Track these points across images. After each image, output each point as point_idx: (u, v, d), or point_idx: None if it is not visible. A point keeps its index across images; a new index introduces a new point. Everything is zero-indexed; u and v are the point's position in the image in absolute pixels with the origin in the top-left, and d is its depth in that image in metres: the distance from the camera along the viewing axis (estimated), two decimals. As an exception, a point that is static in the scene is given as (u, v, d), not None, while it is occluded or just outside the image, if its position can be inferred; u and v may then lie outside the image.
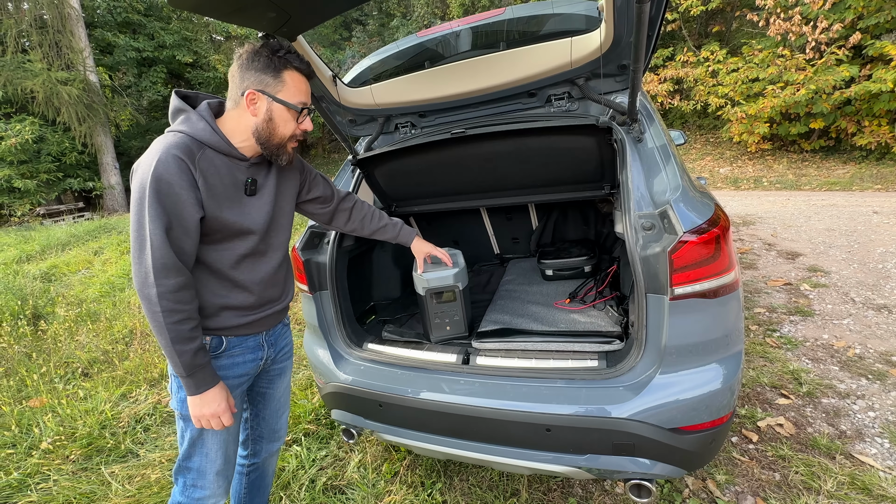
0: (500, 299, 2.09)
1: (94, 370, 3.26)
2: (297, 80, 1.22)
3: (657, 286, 1.33)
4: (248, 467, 1.60)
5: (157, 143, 1.11)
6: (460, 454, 1.62)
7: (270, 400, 1.54)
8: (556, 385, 1.49)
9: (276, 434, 1.60)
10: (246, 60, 1.17)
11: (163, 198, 1.06)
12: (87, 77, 14.25)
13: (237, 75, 1.19)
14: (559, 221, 2.56)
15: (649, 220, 1.37)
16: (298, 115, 1.24)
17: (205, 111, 1.18)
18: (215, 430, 1.29)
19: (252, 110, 1.18)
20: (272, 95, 1.18)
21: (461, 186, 2.09)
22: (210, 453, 1.33)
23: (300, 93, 1.23)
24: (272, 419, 1.57)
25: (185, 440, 1.31)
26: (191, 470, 1.33)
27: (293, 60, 1.20)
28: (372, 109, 1.96)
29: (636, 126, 1.55)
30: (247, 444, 1.58)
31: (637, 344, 1.42)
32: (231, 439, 1.38)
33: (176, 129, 1.14)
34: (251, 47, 1.19)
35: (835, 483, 1.80)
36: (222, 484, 1.37)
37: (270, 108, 1.19)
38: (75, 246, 7.62)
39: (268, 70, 1.17)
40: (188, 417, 1.27)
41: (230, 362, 1.31)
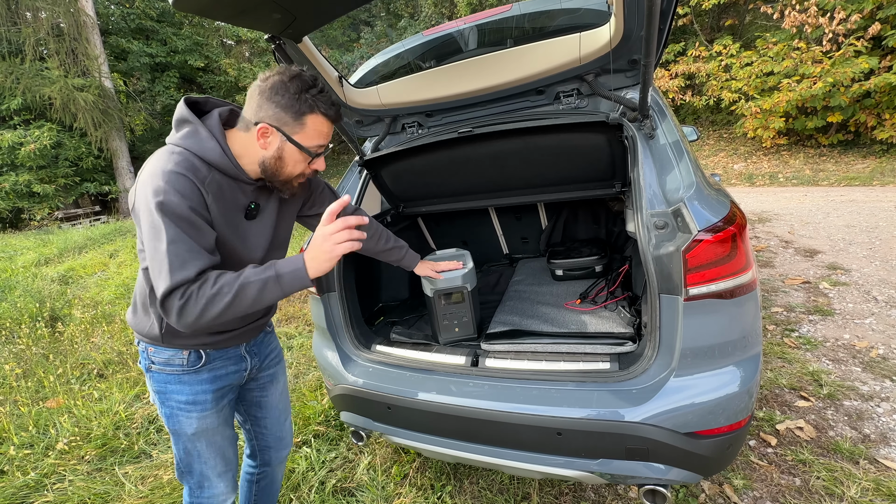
0: (510, 300, 2.06)
1: (108, 371, 3.31)
2: (319, 124, 1.11)
3: (671, 286, 1.30)
4: (258, 475, 1.60)
5: (162, 160, 1.00)
6: (470, 458, 1.60)
7: (269, 408, 1.51)
8: (567, 388, 1.46)
9: (283, 441, 1.58)
10: (269, 90, 1.05)
11: (178, 221, 0.96)
12: (102, 83, 14.55)
13: (255, 100, 1.08)
14: (569, 221, 2.52)
15: (662, 219, 1.34)
16: (312, 158, 1.15)
17: (216, 127, 1.08)
18: (210, 440, 1.30)
19: (262, 143, 1.09)
20: (287, 135, 1.09)
21: (469, 186, 2.07)
22: (209, 460, 1.33)
23: (319, 136, 1.13)
24: (275, 427, 1.54)
25: (179, 451, 1.31)
26: (193, 475, 1.34)
27: (321, 104, 1.08)
28: (378, 110, 1.95)
29: (647, 122, 1.51)
30: (255, 456, 1.57)
31: (650, 346, 1.38)
32: (227, 443, 1.37)
33: (182, 144, 1.04)
34: (280, 77, 1.06)
35: (858, 489, 1.74)
36: (228, 482, 1.38)
37: (283, 146, 1.10)
38: (91, 249, 7.77)
39: (290, 109, 1.06)
40: (177, 432, 1.27)
41: (211, 375, 1.28)
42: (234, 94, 17.27)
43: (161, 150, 1.05)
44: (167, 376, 1.23)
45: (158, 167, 0.98)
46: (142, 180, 1.00)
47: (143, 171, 1.01)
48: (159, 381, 1.24)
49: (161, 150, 1.05)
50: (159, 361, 1.23)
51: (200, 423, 1.27)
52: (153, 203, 0.95)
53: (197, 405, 1.25)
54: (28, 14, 14.03)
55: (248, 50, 19.18)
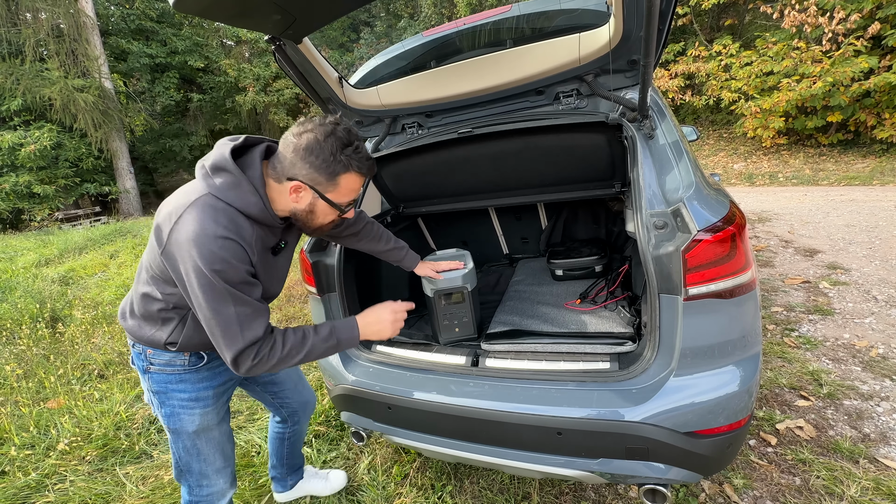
0: (510, 300, 2.07)
1: (109, 372, 3.31)
2: (352, 182, 1.12)
3: (670, 286, 1.30)
4: (289, 434, 1.77)
5: (207, 217, 0.99)
6: (470, 457, 1.60)
7: (283, 382, 1.63)
8: (567, 387, 1.46)
9: (308, 404, 1.76)
10: (304, 150, 1.05)
11: (239, 286, 1.01)
12: (102, 84, 14.57)
13: (289, 156, 1.07)
14: (569, 221, 2.53)
15: (662, 219, 1.34)
16: (343, 211, 1.19)
17: (258, 180, 1.07)
18: (209, 436, 1.35)
19: (294, 198, 1.11)
20: (320, 194, 1.10)
21: (469, 186, 2.07)
22: (208, 457, 1.36)
23: (352, 192, 1.15)
24: (295, 394, 1.69)
25: (178, 450, 1.34)
26: (192, 474, 1.36)
27: (355, 163, 1.09)
28: (378, 110, 1.95)
29: (647, 122, 1.51)
30: (286, 420, 1.72)
31: (650, 345, 1.38)
32: (225, 439, 1.41)
33: (225, 198, 1.03)
34: (315, 136, 1.05)
35: (858, 488, 1.74)
36: (227, 477, 1.43)
37: (315, 202, 1.12)
38: (91, 249, 7.78)
39: (324, 171, 1.06)
40: (178, 430, 1.30)
41: (211, 373, 1.32)
42: (234, 94, 17.28)
43: (202, 202, 1.01)
44: (168, 376, 1.26)
45: (206, 229, 0.98)
46: (187, 236, 0.98)
47: (185, 224, 0.99)
48: (159, 382, 1.26)
49: (202, 202, 1.01)
50: (159, 363, 1.25)
51: (202, 420, 1.31)
52: (208, 270, 0.96)
53: (199, 402, 1.29)
54: (28, 15, 14.05)
55: (248, 50, 19.20)
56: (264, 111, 17.68)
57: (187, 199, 1.03)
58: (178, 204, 1.03)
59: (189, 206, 1.01)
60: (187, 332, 1.20)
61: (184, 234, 0.98)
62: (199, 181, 1.07)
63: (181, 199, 1.05)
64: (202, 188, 1.04)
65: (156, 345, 1.22)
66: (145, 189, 20.74)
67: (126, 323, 1.27)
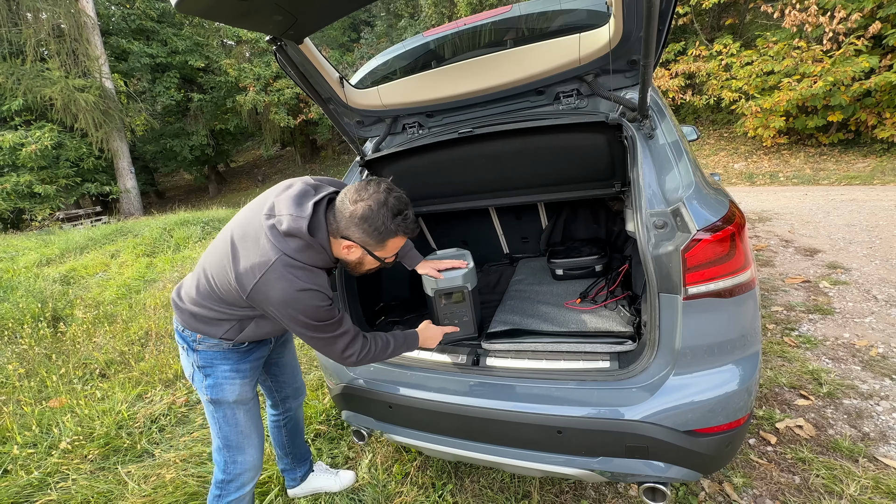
0: (510, 299, 2.07)
1: (111, 371, 3.32)
2: (399, 243, 1.33)
3: (670, 285, 1.30)
4: (283, 420, 1.89)
5: (290, 278, 1.19)
6: (470, 456, 1.61)
7: (284, 366, 1.80)
8: (568, 386, 1.47)
9: (299, 391, 1.90)
10: (360, 219, 1.22)
11: (322, 318, 1.25)
12: (103, 84, 14.57)
13: (346, 217, 1.24)
14: (569, 220, 2.53)
15: (661, 219, 1.34)
16: (387, 264, 1.40)
17: (326, 242, 1.27)
18: (247, 407, 1.51)
19: (346, 252, 1.30)
20: (369, 252, 1.30)
21: (470, 186, 2.08)
22: (245, 429, 1.51)
23: (396, 249, 1.36)
24: (291, 380, 1.85)
25: (218, 422, 1.49)
26: (230, 448, 1.50)
27: (402, 229, 1.27)
28: (379, 110, 1.96)
29: (647, 122, 1.52)
30: (277, 405, 1.86)
31: (650, 344, 1.39)
32: (258, 416, 1.58)
33: (299, 257, 1.22)
34: (369, 207, 1.22)
35: (858, 487, 1.75)
36: (259, 455, 1.58)
37: (363, 257, 1.33)
38: (92, 249, 7.79)
39: (375, 236, 1.24)
40: (219, 401, 1.46)
41: (250, 351, 1.51)
42: (235, 94, 17.26)
43: (282, 264, 1.19)
44: (214, 353, 1.43)
45: (292, 286, 1.19)
46: (277, 298, 1.19)
47: (272, 285, 1.19)
48: (206, 358, 1.43)
49: (282, 264, 1.19)
50: (208, 344, 1.42)
51: (241, 390, 1.48)
52: (304, 317, 1.22)
53: (239, 373, 1.47)
54: (29, 15, 14.06)
55: (249, 50, 19.18)
56: (265, 111, 17.64)
57: (266, 257, 1.20)
58: (257, 262, 1.20)
59: (270, 267, 1.19)
60: (246, 333, 1.42)
61: (273, 295, 1.19)
62: (273, 240, 1.21)
63: (258, 255, 1.21)
64: (277, 248, 1.20)
65: (209, 336, 1.40)
66: (146, 189, 20.76)
67: (179, 311, 1.43)
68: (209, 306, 1.36)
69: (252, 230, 1.27)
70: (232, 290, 1.27)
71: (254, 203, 1.38)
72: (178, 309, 1.43)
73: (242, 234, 1.28)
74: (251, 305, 1.28)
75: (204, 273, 1.36)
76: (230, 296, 1.30)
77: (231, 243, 1.28)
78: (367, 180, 1.29)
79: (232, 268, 1.24)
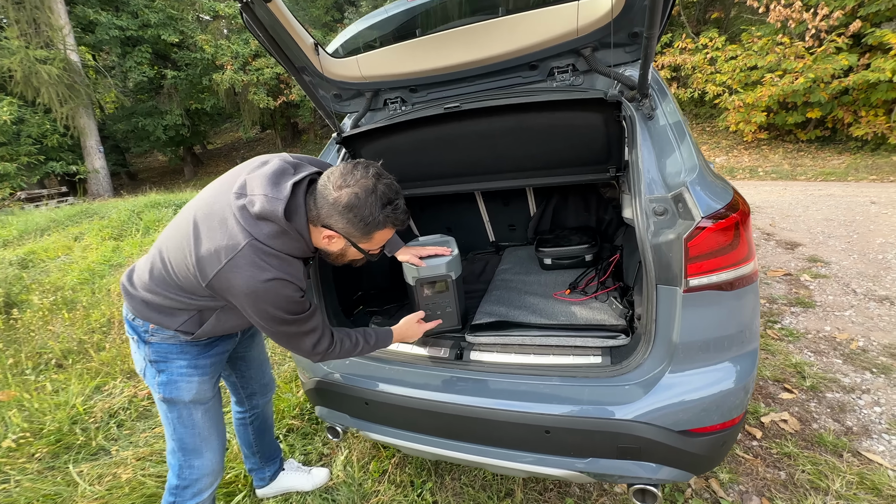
0: (496, 289, 1.97)
1: (68, 361, 3.10)
2: (386, 235, 1.22)
3: (669, 277, 1.21)
4: (250, 418, 1.75)
5: (258, 265, 1.06)
6: (452, 455, 1.51)
7: (251, 360, 1.66)
8: (557, 383, 1.38)
9: (267, 387, 1.76)
10: (344, 208, 1.10)
11: (292, 311, 1.13)
12: (67, 56, 13.72)
13: (329, 204, 1.11)
14: (559, 207, 2.42)
15: (662, 205, 1.25)
16: (372, 256, 1.30)
17: (304, 228, 1.14)
18: (205, 407, 1.36)
19: (327, 242, 1.18)
20: (353, 243, 1.19)
21: (455, 168, 1.95)
22: (202, 431, 1.36)
23: (383, 242, 1.25)
24: (259, 376, 1.71)
25: (172, 423, 1.33)
26: (186, 451, 1.35)
27: (390, 221, 1.16)
28: (358, 83, 1.80)
29: (646, 102, 1.41)
30: (242, 402, 1.72)
31: (645, 339, 1.30)
32: (219, 418, 1.42)
33: (271, 244, 1.08)
34: (355, 194, 1.10)
35: (843, 483, 1.73)
36: (218, 459, 1.42)
37: (346, 249, 1.21)
38: (55, 231, 7.35)
39: (360, 228, 1.13)
40: (174, 400, 1.30)
41: (211, 345, 1.36)
42: (211, 72, 16.52)
43: (250, 250, 1.06)
44: (169, 346, 1.28)
45: (256, 276, 1.05)
46: (241, 289, 1.06)
47: (236, 274, 1.05)
48: (160, 351, 1.27)
49: (250, 250, 1.06)
50: (162, 336, 1.26)
51: (200, 388, 1.33)
52: (278, 314, 1.10)
53: (198, 369, 1.32)
54: (-16, -22, 13.06)
55: (226, 26, 18.33)
56: (243, 91, 16.93)
57: (234, 241, 1.06)
58: (223, 246, 1.06)
59: (238, 252, 1.05)
60: (207, 328, 1.26)
61: (238, 283, 1.06)
62: (243, 222, 1.07)
63: (224, 238, 1.07)
64: (247, 232, 1.06)
65: (163, 327, 1.24)
66: (116, 170, 19.79)
67: (130, 297, 1.26)
68: (164, 293, 1.20)
69: (219, 210, 1.12)
70: (191, 277, 1.13)
71: (222, 179, 1.22)
72: (129, 295, 1.27)
73: (207, 214, 1.13)
74: (212, 294, 1.14)
75: (160, 255, 1.20)
76: (188, 282, 1.15)
77: (193, 223, 1.13)
78: (353, 163, 1.15)
79: (192, 251, 1.09)
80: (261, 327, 1.17)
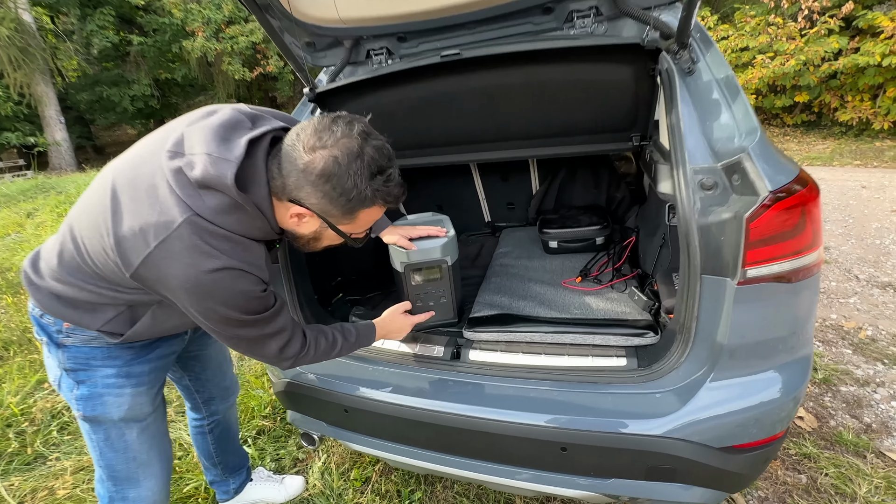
0: (495, 276, 1.73)
1: (9, 353, 2.76)
2: (373, 214, 0.93)
3: (719, 265, 0.99)
4: (209, 426, 1.49)
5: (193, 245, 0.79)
6: (447, 472, 1.30)
7: (208, 360, 1.39)
8: (573, 390, 1.16)
9: (228, 390, 1.50)
10: (320, 175, 0.81)
11: (251, 311, 0.88)
12: (19, 16, 12.59)
13: (298, 171, 0.82)
14: (565, 184, 2.17)
15: (710, 177, 1.02)
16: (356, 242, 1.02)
17: (265, 201, 0.86)
18: (142, 425, 1.10)
19: (296, 222, 0.91)
20: (331, 224, 0.91)
21: (450, 135, 1.67)
22: (138, 455, 1.10)
23: (371, 222, 0.98)
24: (218, 378, 1.44)
25: (97, 446, 1.07)
26: (117, 480, 1.10)
27: (381, 196, 0.87)
28: (336, 28, 1.49)
29: (686, 53, 1.16)
30: (198, 408, 1.46)
31: (681, 339, 1.09)
32: (162, 434, 1.18)
33: (219, 221, 0.81)
34: (333, 159, 0.81)
35: (870, 487, 1.59)
36: (162, 489, 1.18)
37: (322, 231, 0.94)
38: (5, 207, 6.76)
39: (341, 205, 0.85)
40: (98, 419, 1.04)
41: (150, 346, 1.09)
42: (181, 38, 15.48)
43: (189, 229, 0.78)
44: (92, 350, 1.00)
45: (200, 266, 0.79)
46: (178, 282, 0.80)
47: (170, 263, 0.79)
48: (79, 357, 1.00)
49: (189, 229, 0.78)
50: (81, 337, 0.99)
51: (134, 403, 1.06)
52: (231, 315, 0.86)
53: (131, 379, 1.05)
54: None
55: None
56: (217, 61, 15.95)
57: (167, 217, 0.79)
58: (152, 224, 0.79)
59: (171, 233, 0.78)
60: (140, 328, 0.99)
61: (174, 274, 0.80)
62: (179, 191, 0.80)
63: (153, 213, 0.80)
64: (185, 205, 0.79)
65: (82, 326, 0.97)
66: (82, 143, 18.53)
67: (35, 289, 0.97)
68: (79, 284, 0.92)
69: (147, 174, 0.83)
70: (111, 264, 0.85)
71: (155, 134, 0.92)
72: (33, 286, 0.97)
73: (131, 180, 0.84)
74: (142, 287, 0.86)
75: (70, 235, 0.91)
76: (109, 271, 0.87)
77: (112, 192, 0.84)
78: (332, 117, 0.86)
79: (111, 229, 0.82)
80: (210, 331, 0.91)
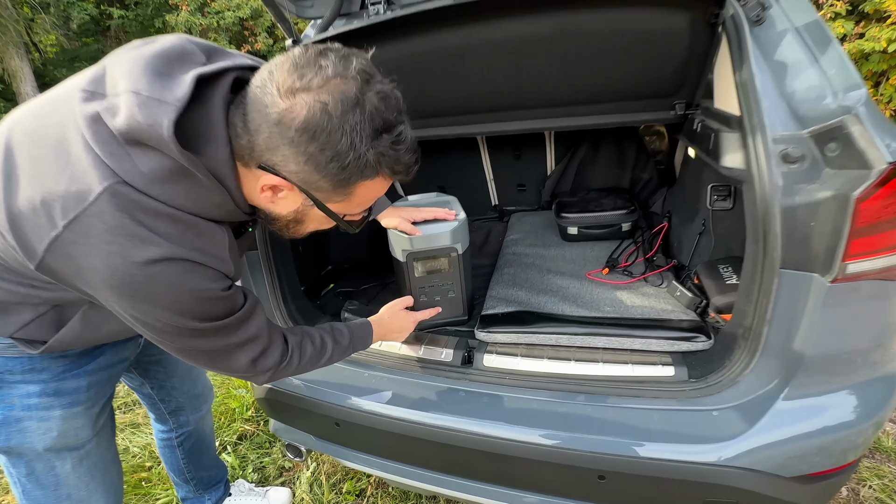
0: (508, 266, 1.52)
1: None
2: (375, 189, 0.68)
3: (806, 257, 0.80)
4: (178, 439, 1.31)
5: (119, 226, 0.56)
6: (458, 497, 1.10)
7: (173, 366, 1.19)
8: (612, 405, 0.96)
9: (199, 398, 1.31)
10: (301, 129, 0.56)
11: (215, 313, 0.67)
12: (-12, -16, 11.88)
13: (272, 119, 0.57)
14: (585, 162, 1.94)
15: (797, 147, 0.81)
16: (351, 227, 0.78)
17: (225, 166, 0.61)
18: (82, 454, 0.90)
19: (268, 197, 0.66)
20: (318, 202, 0.66)
21: (458, 101, 1.43)
22: (76, 492, 0.90)
23: (371, 200, 0.73)
24: (187, 386, 1.25)
25: (18, 483, 0.87)
26: None
27: (392, 159, 0.62)
28: (325, -33, 1.24)
29: None
30: (165, 420, 1.27)
31: (745, 345, 0.90)
32: (108, 460, 0.98)
33: (157, 194, 0.57)
34: (321, 106, 0.55)
35: (920, 503, 1.43)
36: None
37: (305, 210, 0.69)
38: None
39: (332, 174, 0.60)
40: (18, 450, 0.83)
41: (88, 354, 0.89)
42: (164, 12, 14.78)
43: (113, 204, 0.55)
44: (7, 361, 0.78)
45: (141, 253, 0.57)
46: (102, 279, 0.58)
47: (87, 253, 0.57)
48: None
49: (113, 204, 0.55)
50: None
51: (65, 428, 0.85)
52: (181, 323, 0.64)
53: (62, 397, 0.84)
54: None
55: None
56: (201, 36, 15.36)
57: (79, 184, 0.55)
58: (59, 193, 0.56)
59: (86, 207, 0.55)
60: (67, 335, 0.76)
61: (93, 265, 0.57)
62: (97, 148, 0.55)
63: (62, 179, 0.56)
64: (107, 168, 0.55)
65: None
66: (61, 121, 17.92)
67: None
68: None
69: (52, 125, 0.60)
70: (10, 250, 0.62)
71: (69, 80, 0.66)
72: None
73: (31, 134, 0.61)
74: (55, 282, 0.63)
75: None
76: (12, 259, 0.65)
77: (5, 152, 0.61)
78: (319, 48, 0.60)
79: (2, 204, 0.59)
80: (154, 341, 0.69)
